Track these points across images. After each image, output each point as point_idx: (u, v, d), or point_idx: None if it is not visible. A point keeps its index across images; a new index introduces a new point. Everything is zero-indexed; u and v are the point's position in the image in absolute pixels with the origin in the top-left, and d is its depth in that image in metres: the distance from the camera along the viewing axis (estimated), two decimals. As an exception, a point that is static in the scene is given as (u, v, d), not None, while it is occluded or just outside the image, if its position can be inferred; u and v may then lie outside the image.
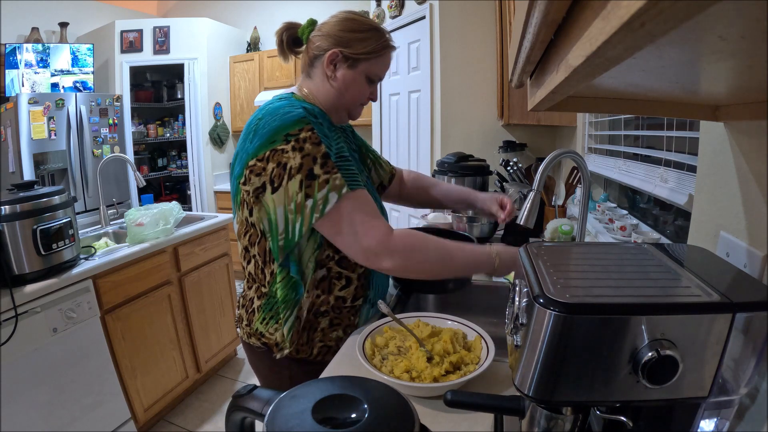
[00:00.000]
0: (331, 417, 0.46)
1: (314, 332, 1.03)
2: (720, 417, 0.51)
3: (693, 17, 0.17)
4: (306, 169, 0.86)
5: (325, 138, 0.90)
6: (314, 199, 0.87)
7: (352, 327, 1.08)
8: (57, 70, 3.68)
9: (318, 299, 1.01)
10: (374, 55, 0.97)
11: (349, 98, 1.00)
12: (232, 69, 4.30)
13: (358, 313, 1.08)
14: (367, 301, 1.09)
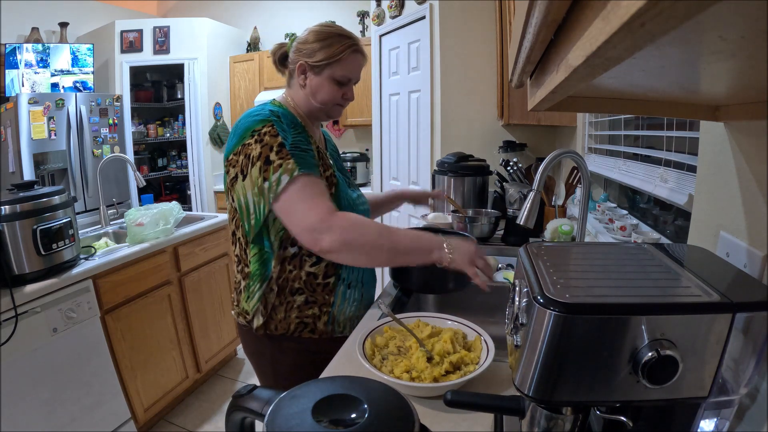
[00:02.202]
0: (331, 417, 0.46)
1: (291, 309, 1.09)
2: (720, 417, 0.51)
3: (693, 17, 0.17)
4: (264, 156, 0.98)
5: (282, 132, 1.01)
6: (269, 181, 0.98)
7: (327, 306, 1.11)
8: (57, 70, 3.68)
9: (291, 274, 1.08)
10: (335, 60, 1.07)
11: (320, 101, 1.10)
12: (232, 69, 4.30)
13: (333, 292, 1.12)
14: (341, 281, 1.13)
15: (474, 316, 1.34)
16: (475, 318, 1.12)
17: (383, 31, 3.22)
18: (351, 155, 3.85)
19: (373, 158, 3.54)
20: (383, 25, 3.20)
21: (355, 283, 1.15)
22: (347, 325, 1.16)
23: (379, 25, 3.23)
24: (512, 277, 1.10)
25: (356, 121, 3.86)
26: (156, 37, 4.00)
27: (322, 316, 1.11)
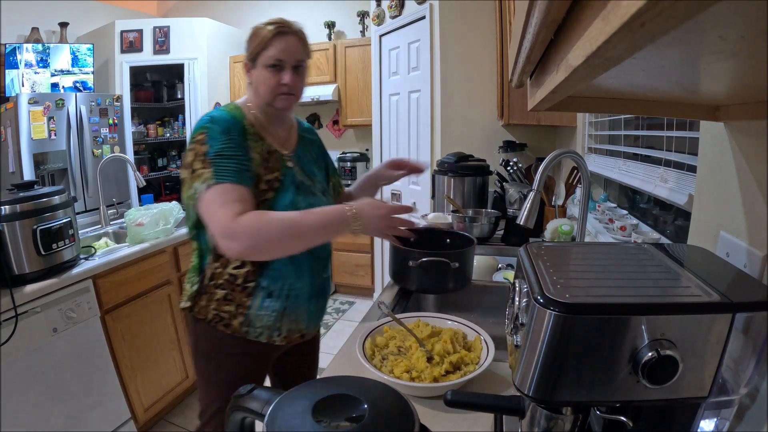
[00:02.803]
0: (331, 417, 0.46)
1: (211, 300, 1.13)
2: (720, 417, 0.51)
3: (693, 17, 0.17)
4: (191, 164, 1.03)
5: (210, 139, 1.04)
6: (193, 189, 1.02)
7: (244, 307, 1.12)
8: (57, 70, 3.68)
9: (217, 271, 1.12)
10: (262, 45, 1.08)
11: (263, 92, 1.11)
12: (232, 69, 4.30)
13: (252, 297, 1.12)
14: (260, 289, 1.12)
15: (474, 316, 1.35)
16: (475, 318, 1.12)
17: (383, 31, 3.22)
18: (351, 155, 3.85)
19: (373, 158, 3.54)
20: (383, 25, 3.20)
21: (278, 293, 1.12)
22: (265, 332, 1.14)
23: (379, 25, 3.23)
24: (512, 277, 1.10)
25: (356, 121, 3.86)
26: (156, 37, 4.00)
27: (237, 316, 1.12)
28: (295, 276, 1.14)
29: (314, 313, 1.23)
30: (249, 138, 1.09)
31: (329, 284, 1.28)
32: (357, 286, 3.83)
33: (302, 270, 1.15)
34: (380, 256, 3.59)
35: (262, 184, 1.08)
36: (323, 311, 1.27)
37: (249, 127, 1.11)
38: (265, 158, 1.11)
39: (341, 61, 3.79)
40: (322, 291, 1.23)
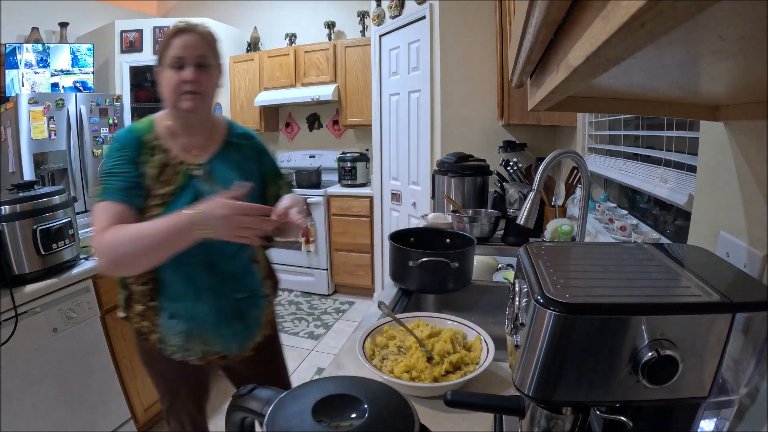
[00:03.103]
0: (331, 417, 0.46)
1: (134, 313, 1.13)
2: (720, 417, 0.51)
3: (693, 17, 0.17)
4: None
5: (107, 157, 1.07)
6: None
7: (155, 325, 1.12)
8: (57, 70, 3.68)
9: (131, 286, 1.12)
10: (164, 46, 1.07)
11: (167, 94, 1.08)
12: (232, 69, 4.30)
13: (158, 316, 1.11)
14: (162, 309, 1.10)
15: (474, 316, 1.34)
16: (475, 318, 1.12)
17: (383, 31, 3.22)
18: (351, 155, 3.85)
19: (373, 158, 3.54)
20: (383, 25, 3.20)
21: (180, 315, 1.10)
22: (178, 351, 1.12)
23: (379, 25, 3.23)
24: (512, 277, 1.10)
25: (356, 121, 3.86)
26: (156, 37, 4.00)
27: (153, 332, 1.12)
28: (194, 297, 1.09)
29: (229, 336, 1.16)
30: (145, 152, 1.06)
31: (253, 305, 1.19)
32: (357, 286, 3.83)
33: (201, 291, 1.09)
34: (380, 256, 3.59)
35: (154, 198, 1.05)
36: (246, 334, 1.19)
37: (150, 141, 1.08)
38: (161, 171, 1.06)
39: (341, 61, 3.79)
40: (236, 314, 1.15)
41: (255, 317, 1.20)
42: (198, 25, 1.09)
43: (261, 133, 4.38)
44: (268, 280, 1.26)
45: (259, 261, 1.22)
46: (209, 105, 1.13)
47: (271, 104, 4.12)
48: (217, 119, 1.20)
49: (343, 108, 3.88)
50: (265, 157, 1.26)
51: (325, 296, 3.87)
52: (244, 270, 1.17)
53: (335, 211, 3.74)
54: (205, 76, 1.07)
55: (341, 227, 3.74)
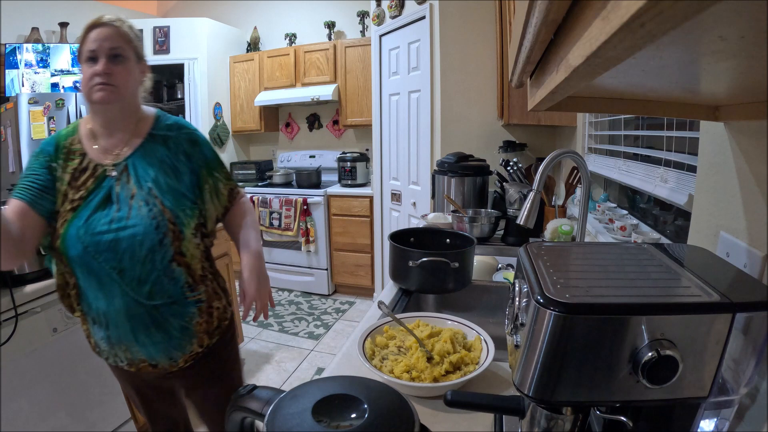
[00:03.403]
0: (331, 417, 0.46)
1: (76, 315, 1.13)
2: (720, 417, 0.51)
3: (693, 17, 0.17)
4: None
5: (27, 162, 1.07)
6: None
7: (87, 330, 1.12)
8: (57, 70, 3.68)
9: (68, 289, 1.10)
10: (80, 42, 1.06)
11: (83, 90, 1.05)
12: (232, 69, 4.30)
13: (86, 322, 1.11)
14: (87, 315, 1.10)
15: (474, 316, 1.34)
16: (475, 318, 1.12)
17: (383, 31, 3.22)
18: (351, 155, 3.85)
19: (373, 158, 3.54)
20: (383, 25, 3.20)
21: (100, 321, 1.07)
22: (110, 356, 1.11)
23: (379, 25, 3.23)
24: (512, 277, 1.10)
25: (356, 121, 3.86)
26: (156, 37, 4.00)
27: (89, 337, 1.13)
28: (107, 304, 1.04)
29: (150, 346, 1.08)
30: (60, 157, 1.05)
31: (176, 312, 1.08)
32: (357, 286, 3.83)
33: (113, 297, 1.04)
34: (380, 256, 3.59)
35: (67, 204, 1.02)
36: (170, 345, 1.09)
37: (68, 145, 1.06)
38: (77, 176, 1.04)
39: (341, 61, 3.79)
40: (153, 322, 1.06)
41: (180, 326, 1.09)
42: (115, 19, 1.08)
43: (261, 133, 4.38)
44: (206, 283, 1.16)
45: (188, 263, 1.10)
46: (129, 100, 1.08)
47: (271, 104, 4.12)
48: (145, 114, 1.14)
49: (343, 108, 3.88)
50: (199, 147, 1.16)
51: (325, 296, 3.87)
52: (162, 274, 1.05)
53: (335, 211, 3.74)
54: (120, 68, 1.03)
55: (341, 227, 3.74)
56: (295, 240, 3.81)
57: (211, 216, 1.18)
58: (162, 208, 1.05)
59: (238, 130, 4.37)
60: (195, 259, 1.12)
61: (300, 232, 3.75)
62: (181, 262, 1.08)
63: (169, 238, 1.05)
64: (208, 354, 1.18)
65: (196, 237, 1.12)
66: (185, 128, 1.17)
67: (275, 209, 3.81)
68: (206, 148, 1.18)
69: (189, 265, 1.10)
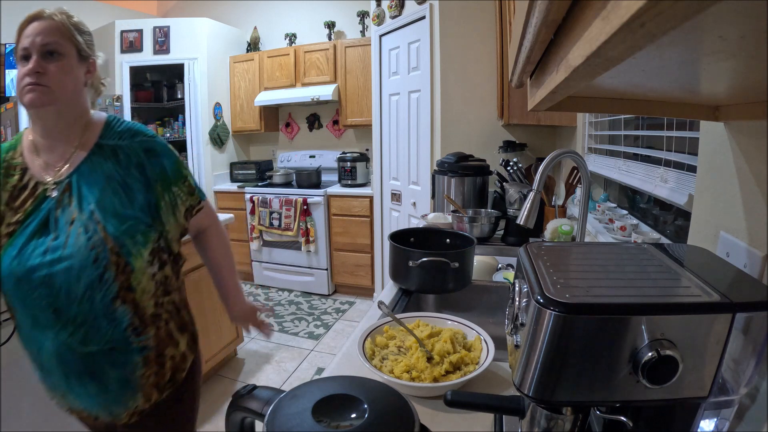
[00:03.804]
0: (331, 417, 0.46)
1: None
2: (720, 417, 0.51)
3: (693, 17, 0.17)
4: None
5: None
6: None
7: None
8: (57, 70, 3.68)
9: None
10: (16, 41, 0.93)
11: (16, 91, 0.93)
12: (232, 69, 4.30)
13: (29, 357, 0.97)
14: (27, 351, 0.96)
15: (474, 316, 1.35)
16: (475, 318, 1.12)
17: (383, 31, 3.22)
18: (351, 155, 3.85)
19: (373, 158, 3.54)
20: (383, 25, 3.20)
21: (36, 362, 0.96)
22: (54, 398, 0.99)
23: (379, 25, 3.23)
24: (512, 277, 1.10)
25: (356, 121, 3.86)
26: (156, 37, 4.00)
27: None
28: (39, 346, 0.91)
29: (86, 398, 0.93)
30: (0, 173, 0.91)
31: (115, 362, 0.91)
32: (357, 286, 3.83)
33: (46, 339, 0.89)
34: (380, 256, 3.59)
35: (4, 227, 0.88)
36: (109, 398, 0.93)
37: (9, 159, 0.93)
38: (15, 196, 0.90)
39: (341, 61, 3.79)
40: (87, 372, 0.90)
41: (119, 378, 0.92)
42: (55, 12, 0.93)
43: (261, 133, 4.38)
44: (158, 325, 0.97)
45: (136, 300, 0.92)
46: (68, 104, 0.92)
47: (271, 104, 4.12)
48: (93, 120, 0.98)
49: (343, 108, 3.88)
50: (156, 157, 0.99)
51: (325, 296, 3.87)
52: (100, 315, 0.88)
53: (335, 211, 3.74)
54: (55, 67, 0.88)
55: (341, 227, 3.74)
56: (295, 240, 3.81)
57: (174, 237, 1.03)
58: (104, 235, 0.88)
59: (238, 130, 4.37)
60: (146, 294, 0.94)
61: (300, 232, 3.75)
62: (127, 299, 0.91)
63: (112, 273, 0.88)
64: (157, 411, 1.00)
65: (152, 266, 0.95)
66: (140, 135, 0.99)
67: (275, 209, 3.81)
68: (166, 158, 1.00)
69: (137, 304, 0.92)
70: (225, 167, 4.37)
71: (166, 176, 1.00)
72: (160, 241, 0.98)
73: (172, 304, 1.02)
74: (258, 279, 4.11)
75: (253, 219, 3.93)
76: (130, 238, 0.91)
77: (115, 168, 0.94)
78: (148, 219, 0.95)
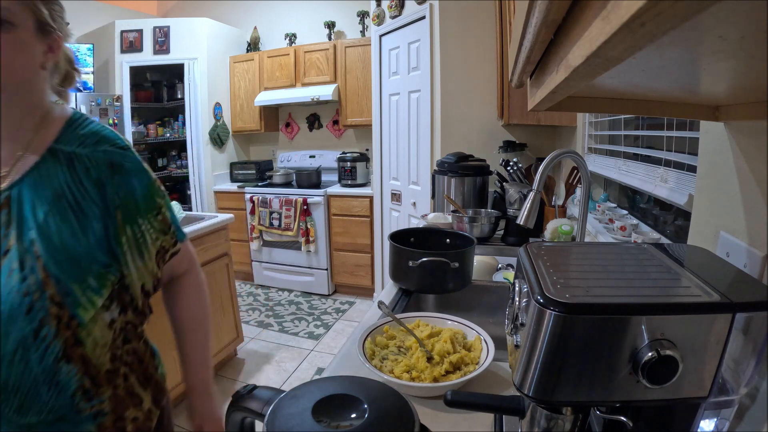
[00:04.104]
0: (331, 417, 0.46)
1: None
2: (720, 417, 0.51)
3: (693, 17, 0.17)
4: None
5: None
6: None
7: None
8: (57, 70, 3.68)
9: None
10: None
11: None
12: (232, 69, 4.30)
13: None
14: None
15: (474, 316, 1.35)
16: (475, 318, 1.12)
17: (383, 31, 3.22)
18: (351, 155, 3.85)
19: (373, 158, 3.54)
20: (383, 25, 3.20)
21: None
22: None
23: (379, 25, 3.23)
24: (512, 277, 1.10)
25: (356, 121, 3.86)
26: (156, 37, 4.00)
27: None
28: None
29: None
30: None
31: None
32: (357, 286, 3.83)
33: None
34: (380, 256, 3.59)
35: None
36: None
37: None
38: None
39: (341, 61, 3.79)
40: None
41: None
42: None
43: (261, 133, 4.38)
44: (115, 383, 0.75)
45: (86, 357, 0.71)
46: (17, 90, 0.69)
47: (271, 104, 4.12)
48: (54, 116, 0.75)
49: (343, 108, 3.88)
50: (123, 176, 0.74)
51: (325, 296, 3.87)
52: (40, 380, 0.67)
53: (335, 211, 3.74)
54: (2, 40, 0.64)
55: (341, 227, 3.74)
56: (295, 240, 3.81)
57: (139, 285, 0.79)
58: (43, 276, 0.66)
59: (238, 130, 4.37)
60: (100, 347, 0.72)
61: (300, 232, 3.75)
62: (74, 356, 0.69)
63: (51, 328, 0.67)
64: None
65: (109, 311, 0.74)
66: (107, 143, 0.75)
67: (275, 209, 3.81)
68: (136, 178, 0.76)
69: (89, 361, 0.71)
70: (225, 167, 4.37)
71: (133, 203, 0.76)
72: (117, 285, 0.75)
73: (133, 353, 0.80)
74: (258, 279, 4.11)
75: (253, 219, 3.93)
76: (79, 283, 0.69)
77: (68, 182, 0.71)
78: (105, 257, 0.72)
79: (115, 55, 4.00)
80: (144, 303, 0.82)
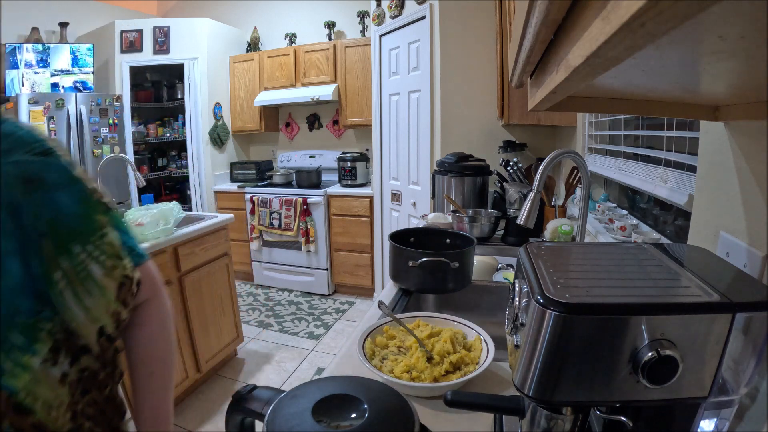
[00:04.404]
0: (331, 417, 0.46)
1: None
2: (720, 417, 0.51)
3: (693, 17, 0.17)
4: None
5: None
6: None
7: None
8: (57, 70, 3.68)
9: None
10: None
11: None
12: (232, 69, 4.30)
13: None
14: None
15: (474, 316, 1.34)
16: (475, 318, 1.12)
17: (383, 31, 3.22)
18: (351, 155, 3.85)
19: (373, 158, 3.54)
20: (383, 25, 3.20)
21: None
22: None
23: (379, 25, 3.23)
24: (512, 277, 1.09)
25: (356, 121, 3.86)
26: (156, 37, 4.00)
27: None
28: None
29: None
30: None
31: None
32: (357, 286, 3.83)
33: None
34: (380, 256, 3.59)
35: None
36: None
37: None
38: None
39: (341, 61, 3.79)
40: None
41: None
42: None
43: (261, 133, 4.38)
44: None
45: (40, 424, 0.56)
46: None
47: (271, 104, 4.12)
48: None
49: (343, 108, 3.88)
50: (42, 192, 0.56)
51: (325, 296, 3.87)
52: None
53: (335, 211, 3.74)
54: None
55: (341, 227, 3.74)
56: (295, 240, 3.81)
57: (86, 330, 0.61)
58: None
59: (238, 130, 4.37)
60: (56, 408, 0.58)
61: (300, 232, 3.75)
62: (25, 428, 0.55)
63: None
64: None
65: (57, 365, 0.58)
66: (18, 150, 0.55)
67: (275, 209, 3.81)
68: (62, 192, 0.58)
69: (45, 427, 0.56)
70: (225, 167, 4.37)
71: (63, 227, 0.57)
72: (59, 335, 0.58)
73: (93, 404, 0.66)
74: (258, 279, 4.11)
75: (253, 219, 3.93)
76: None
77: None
78: (30, 302, 0.55)
79: (115, 55, 4.00)
80: (107, 349, 0.65)
